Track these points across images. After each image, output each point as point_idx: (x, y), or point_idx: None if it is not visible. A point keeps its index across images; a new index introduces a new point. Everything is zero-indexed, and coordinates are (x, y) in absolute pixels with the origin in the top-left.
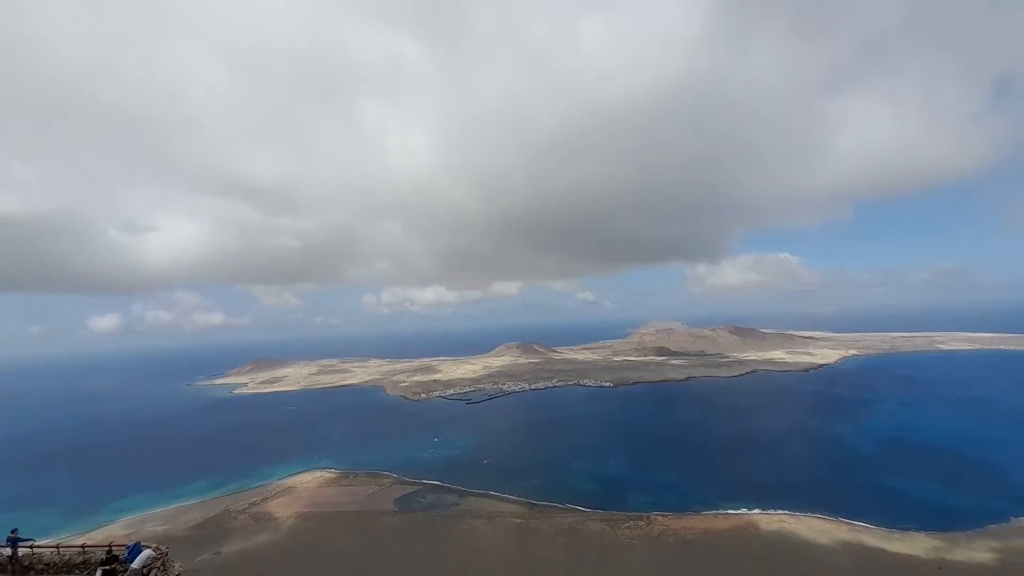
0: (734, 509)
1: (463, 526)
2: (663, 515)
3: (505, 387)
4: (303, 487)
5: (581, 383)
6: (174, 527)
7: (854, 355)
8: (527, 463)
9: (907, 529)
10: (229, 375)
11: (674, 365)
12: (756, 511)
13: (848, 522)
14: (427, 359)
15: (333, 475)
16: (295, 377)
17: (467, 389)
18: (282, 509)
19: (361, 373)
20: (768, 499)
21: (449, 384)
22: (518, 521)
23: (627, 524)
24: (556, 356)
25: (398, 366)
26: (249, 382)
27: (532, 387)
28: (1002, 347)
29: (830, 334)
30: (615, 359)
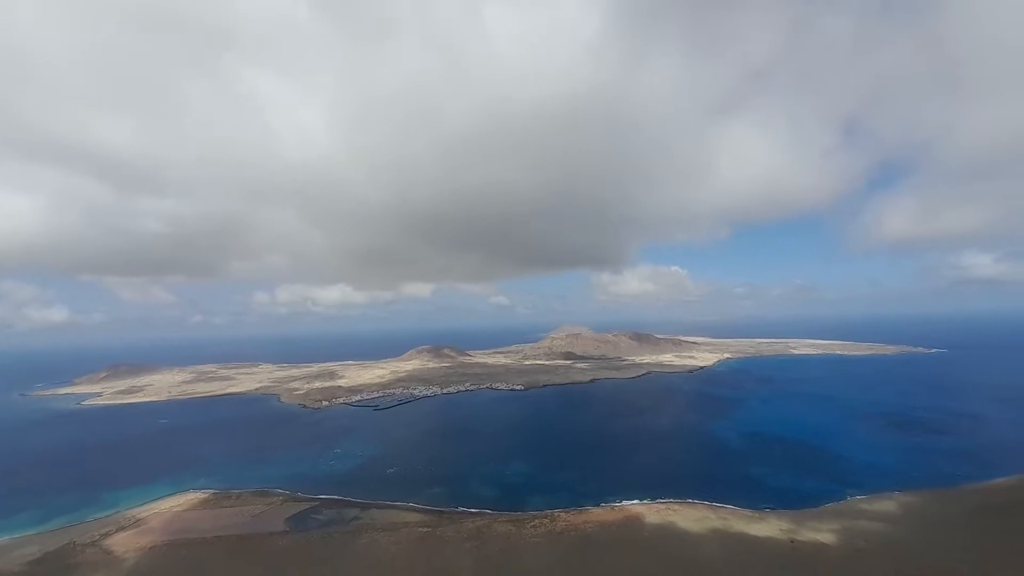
0: (628, 501)
1: (364, 540)
2: (566, 512)
3: (416, 392)
4: (173, 511)
5: (493, 387)
6: (2, 565)
7: (727, 358)
8: (435, 469)
9: (765, 510)
10: (77, 383)
11: (580, 368)
12: (647, 501)
13: (720, 506)
14: (329, 364)
15: (211, 496)
16: (163, 385)
17: (375, 395)
18: (144, 538)
19: (248, 380)
20: (656, 490)
21: (354, 390)
22: (424, 530)
23: (532, 523)
24: (469, 360)
25: (294, 372)
26: (104, 391)
27: (444, 391)
28: (840, 352)
29: (710, 339)
30: (526, 363)
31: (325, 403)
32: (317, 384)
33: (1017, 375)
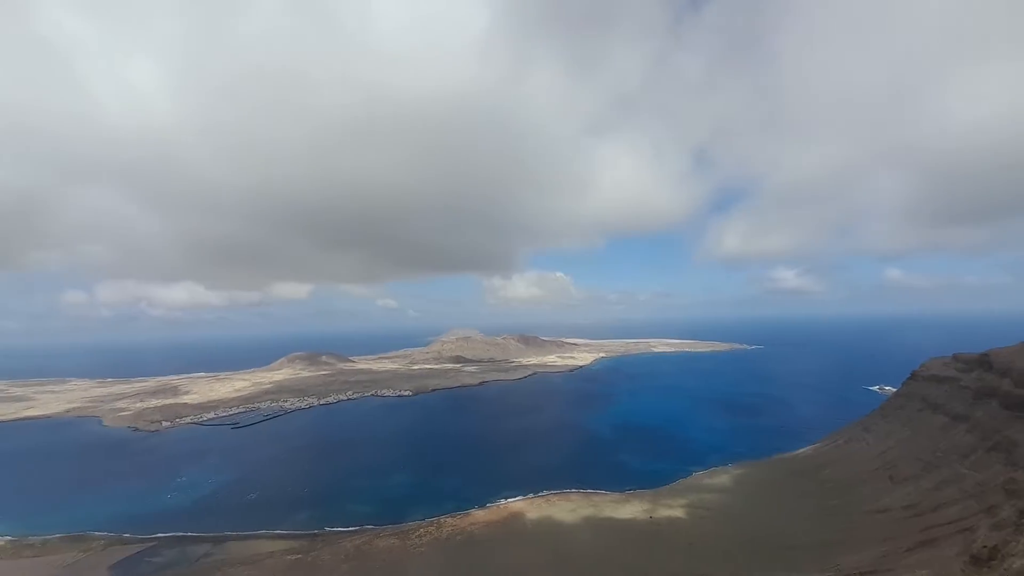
0: (512, 498)
1: None
2: (452, 516)
3: (287, 404)
4: None
5: (379, 394)
6: None
7: (603, 357)
8: (308, 490)
9: (630, 491)
10: None
11: (469, 371)
12: (530, 496)
13: (593, 492)
14: (172, 377)
15: (5, 544)
16: None
17: (234, 411)
18: None
19: (54, 401)
20: (537, 485)
21: (206, 407)
22: (293, 558)
23: (417, 533)
24: (351, 367)
25: (122, 388)
26: None
27: (322, 402)
28: (688, 350)
29: (588, 341)
30: (415, 367)
31: (166, 424)
32: (154, 402)
33: (811, 365)
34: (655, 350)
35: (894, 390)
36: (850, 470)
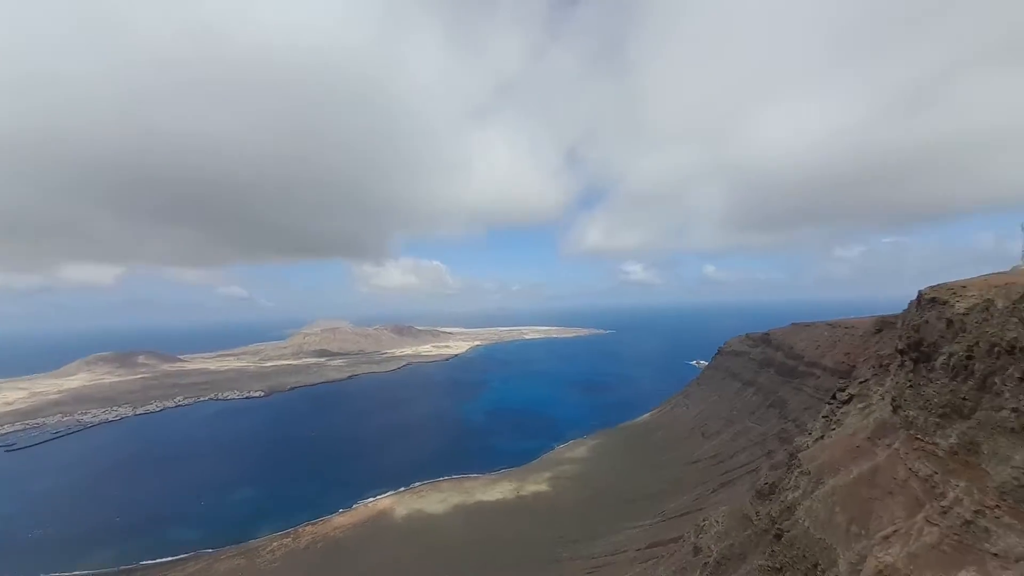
0: (381, 495)
1: None
2: (312, 523)
3: (87, 417)
4: None
5: (220, 397)
6: None
7: (478, 345)
8: (120, 519)
9: (500, 471)
10: None
11: (336, 365)
12: (402, 490)
13: (465, 477)
14: None
15: None
16: None
17: (7, 429)
18: None
19: None
20: (409, 478)
21: None
22: None
23: (269, 549)
24: (180, 367)
25: None
26: None
27: (139, 411)
28: (555, 336)
29: (464, 329)
30: (268, 364)
31: None
32: None
33: (649, 346)
34: (526, 337)
35: (706, 363)
36: (675, 431)
